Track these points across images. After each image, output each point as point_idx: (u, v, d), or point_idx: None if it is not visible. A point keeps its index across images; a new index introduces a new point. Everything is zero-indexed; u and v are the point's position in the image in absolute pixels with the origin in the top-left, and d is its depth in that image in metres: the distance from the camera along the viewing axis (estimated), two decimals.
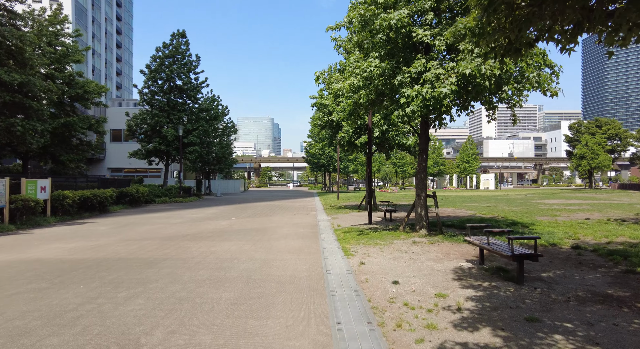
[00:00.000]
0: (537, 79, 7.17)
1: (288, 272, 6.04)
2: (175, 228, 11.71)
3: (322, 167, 46.70)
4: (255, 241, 9.25)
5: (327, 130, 18.38)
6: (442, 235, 9.36)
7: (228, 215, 16.16)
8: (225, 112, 40.32)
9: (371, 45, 8.74)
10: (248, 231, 11.08)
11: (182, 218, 15.10)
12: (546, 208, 18.69)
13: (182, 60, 28.61)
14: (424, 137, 9.72)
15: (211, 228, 11.84)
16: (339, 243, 8.70)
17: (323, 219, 14.36)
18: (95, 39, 75.64)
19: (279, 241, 9.26)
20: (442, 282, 5.45)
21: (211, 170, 39.83)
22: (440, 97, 7.30)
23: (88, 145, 24.03)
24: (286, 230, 11.35)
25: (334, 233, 10.41)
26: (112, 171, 39.41)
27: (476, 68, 6.64)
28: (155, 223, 13.12)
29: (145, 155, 27.59)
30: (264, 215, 16.42)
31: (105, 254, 7.62)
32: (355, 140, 16.70)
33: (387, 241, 8.91)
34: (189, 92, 28.55)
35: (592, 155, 51.41)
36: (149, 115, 26.94)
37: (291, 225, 12.50)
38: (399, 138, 16.33)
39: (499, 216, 14.41)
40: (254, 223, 13.07)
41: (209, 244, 8.77)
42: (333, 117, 16.81)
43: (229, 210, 19.26)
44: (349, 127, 16.10)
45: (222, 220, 14.36)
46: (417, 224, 9.77)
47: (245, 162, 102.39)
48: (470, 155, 70.87)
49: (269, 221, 13.87)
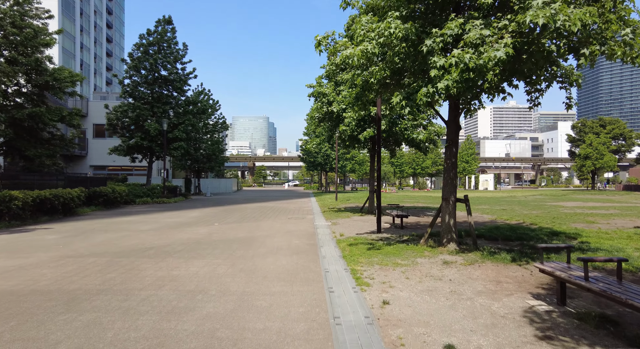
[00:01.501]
0: (630, 38, 5.09)
1: (275, 324, 3.88)
2: (140, 238, 9.51)
3: (319, 166, 44.57)
4: (235, 258, 7.10)
5: (325, 123, 16.25)
6: (479, 251, 7.27)
7: (211, 220, 13.97)
8: (216, 107, 38.05)
9: (389, 1, 6.65)
10: (230, 242, 8.92)
11: (156, 222, 12.90)
12: (569, 212, 16.73)
13: (167, 48, 26.30)
14: (453, 126, 7.63)
15: (185, 237, 9.66)
16: (346, 263, 6.59)
17: (322, 225, 12.24)
18: (84, 33, 72.93)
19: (267, 258, 7.12)
20: (522, 345, 3.36)
21: (201, 168, 37.51)
22: (488, 65, 5.21)
23: (61, 140, 21.66)
24: (277, 240, 9.21)
25: (337, 246, 8.29)
26: (95, 169, 36.92)
27: (551, 17, 4.55)
28: (120, 230, 10.90)
29: (126, 151, 25.25)
30: (253, 219, 14.26)
31: (18, 282, 5.43)
32: (358, 134, 14.58)
33: (409, 259, 6.81)
34: (175, 83, 26.24)
35: (596, 156, 49.79)
36: (130, 108, 24.59)
37: (284, 233, 10.36)
38: (408, 132, 14.25)
39: (526, 223, 12.39)
40: (240, 231, 10.91)
41: (172, 264, 6.61)
42: (333, 107, 14.71)
43: (215, 212, 17.06)
44: (351, 118, 14.00)
45: (203, 226, 12.17)
46: (444, 236, 7.68)
47: (240, 160, 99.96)
48: (469, 155, 69.19)
49: (257, 228, 11.71)
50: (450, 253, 7.25)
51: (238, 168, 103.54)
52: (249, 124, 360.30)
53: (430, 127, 14.53)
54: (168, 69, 26.16)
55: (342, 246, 8.24)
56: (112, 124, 25.63)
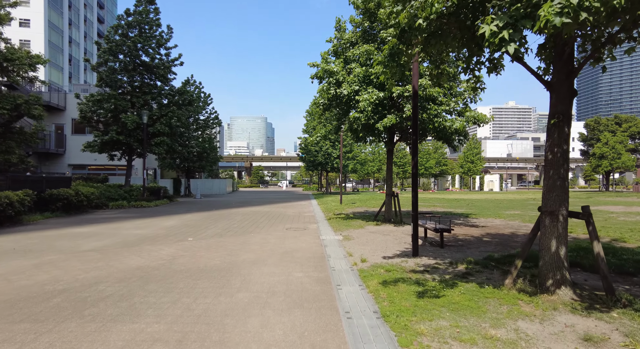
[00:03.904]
0: None
1: None
2: (63, 268, 6.36)
3: (319, 166, 41.42)
4: (190, 324, 3.97)
5: (332, 110, 13.16)
6: (621, 307, 4.15)
7: (187, 231, 10.83)
8: (208, 101, 34.88)
9: None
10: (195, 278, 5.78)
11: (113, 236, 9.75)
12: (629, 219, 13.70)
13: (149, 31, 23.12)
14: (564, 90, 4.54)
15: (134, 266, 6.52)
16: (394, 334, 3.50)
17: (330, 240, 9.14)
18: (72, 27, 69.73)
19: (248, 320, 4.00)
20: None
21: (191, 167, 34.29)
22: None
23: (20, 134, 18.48)
24: (270, 271, 6.10)
25: (363, 286, 5.19)
26: (75, 168, 33.60)
27: None
28: (48, 252, 7.74)
29: (100, 148, 22.05)
30: (240, 230, 11.13)
31: None
32: (375, 123, 11.46)
33: (503, 324, 3.72)
34: (157, 70, 23.03)
35: (613, 155, 46.90)
36: (105, 98, 21.39)
37: (280, 257, 7.25)
38: (439, 119, 11.14)
39: (618, 240, 9.31)
40: (218, 252, 7.78)
41: (60, 345, 3.48)
42: (343, 89, 11.62)
43: (196, 220, 13.92)
44: (367, 102, 10.88)
45: (171, 242, 9.03)
46: (548, 275, 4.57)
47: (236, 160, 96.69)
48: (474, 155, 66.33)
49: (244, 245, 8.59)
50: (570, 307, 4.14)
51: (234, 168, 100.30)
52: (247, 124, 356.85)
53: (468, 112, 11.44)
54: (150, 55, 22.97)
55: (372, 286, 5.13)
56: (85, 117, 22.43)
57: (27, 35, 58.65)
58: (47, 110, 31.63)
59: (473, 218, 14.80)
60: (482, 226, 12.44)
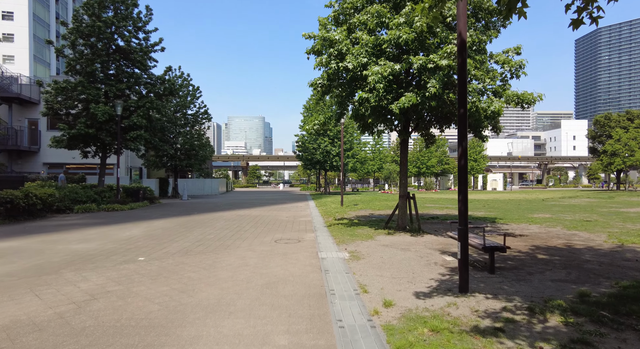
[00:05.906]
0: None
1: None
2: None
3: (317, 164, 38.84)
4: None
5: (334, 91, 10.59)
6: None
7: (143, 247, 8.23)
8: (197, 94, 32.20)
9: None
10: None
11: (32, 257, 7.14)
12: None
13: (125, 11, 20.47)
14: None
15: (22, 319, 3.93)
16: None
17: (332, 259, 6.58)
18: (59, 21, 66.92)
19: None
20: None
21: (178, 166, 31.62)
22: None
23: None
24: (232, 335, 3.51)
25: None
26: (51, 167, 30.87)
27: None
28: None
29: (68, 143, 19.43)
30: (214, 245, 8.54)
31: None
32: (389, 103, 8.87)
33: None
34: (133, 56, 20.38)
35: (627, 152, 44.55)
36: (71, 86, 18.74)
37: (256, 298, 4.67)
38: (473, 99, 8.59)
39: None
40: (165, 286, 5.19)
41: None
42: (347, 62, 9.04)
43: (165, 229, 11.30)
44: (379, 76, 8.31)
45: (109, 266, 6.42)
46: None
47: (233, 160, 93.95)
48: (477, 153, 63.96)
49: (208, 273, 6.00)
50: None
51: (230, 168, 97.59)
52: (245, 124, 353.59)
53: (508, 90, 8.89)
54: (126, 38, 20.33)
55: None
56: (52, 108, 19.82)
57: (10, 28, 55.85)
58: (20, 103, 28.97)
59: (502, 224, 12.30)
60: (520, 235, 9.94)
